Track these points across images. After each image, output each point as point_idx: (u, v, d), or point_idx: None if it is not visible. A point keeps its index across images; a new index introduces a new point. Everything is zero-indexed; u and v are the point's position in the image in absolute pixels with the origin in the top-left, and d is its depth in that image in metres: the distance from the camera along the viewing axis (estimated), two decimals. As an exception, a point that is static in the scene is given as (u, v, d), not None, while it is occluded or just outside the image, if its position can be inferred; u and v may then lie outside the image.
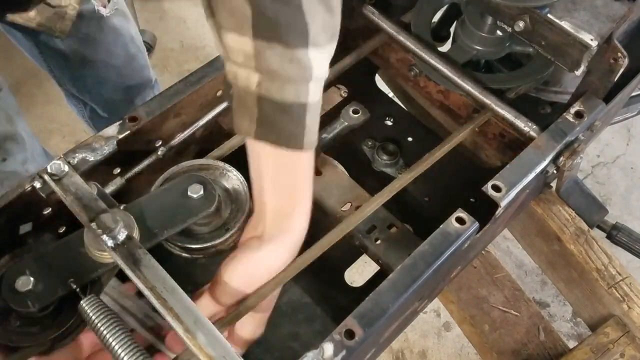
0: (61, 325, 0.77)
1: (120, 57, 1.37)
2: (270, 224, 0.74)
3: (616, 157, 2.24)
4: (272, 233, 0.73)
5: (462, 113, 1.06)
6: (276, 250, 0.73)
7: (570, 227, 1.07)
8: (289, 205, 0.73)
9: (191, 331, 0.69)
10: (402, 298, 0.72)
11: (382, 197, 0.88)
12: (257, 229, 0.75)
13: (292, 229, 0.74)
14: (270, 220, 0.74)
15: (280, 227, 0.73)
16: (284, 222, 0.74)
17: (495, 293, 1.15)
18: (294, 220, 0.74)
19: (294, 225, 0.74)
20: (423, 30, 1.06)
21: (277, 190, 0.73)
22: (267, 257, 0.72)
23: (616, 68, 0.86)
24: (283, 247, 0.73)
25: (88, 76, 1.38)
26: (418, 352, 1.85)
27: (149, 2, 2.66)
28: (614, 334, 1.03)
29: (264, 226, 0.74)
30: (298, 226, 0.74)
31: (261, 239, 0.74)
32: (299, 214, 0.74)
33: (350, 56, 1.04)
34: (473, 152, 1.08)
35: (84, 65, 1.34)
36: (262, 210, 0.74)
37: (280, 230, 0.73)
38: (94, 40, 1.29)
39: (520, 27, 0.89)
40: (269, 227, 0.74)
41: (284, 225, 0.74)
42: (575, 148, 0.89)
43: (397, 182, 0.89)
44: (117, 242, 0.73)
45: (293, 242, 0.74)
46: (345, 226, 0.84)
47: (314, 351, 0.67)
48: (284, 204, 0.73)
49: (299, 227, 0.74)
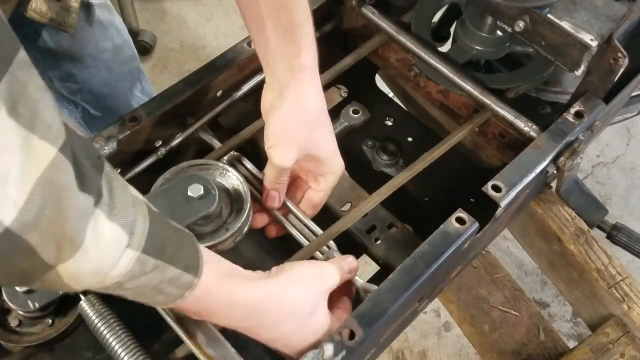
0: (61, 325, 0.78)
1: (107, 50, 1.38)
2: (283, 72, 0.77)
3: (616, 157, 2.24)
4: (287, 81, 0.77)
5: (462, 113, 1.06)
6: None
7: (570, 227, 1.06)
8: (295, 47, 0.77)
9: (191, 331, 0.69)
10: (402, 298, 0.72)
11: (380, 195, 0.88)
12: (274, 87, 0.79)
13: (303, 66, 0.77)
14: (282, 69, 0.77)
15: (292, 69, 0.77)
16: (293, 63, 0.77)
17: (495, 293, 1.15)
18: (302, 58, 0.77)
19: (304, 62, 0.77)
20: (423, 30, 1.06)
21: (279, 32, 0.76)
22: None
23: (616, 68, 0.86)
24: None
25: (77, 73, 1.39)
26: (418, 352, 1.85)
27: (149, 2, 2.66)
28: (614, 334, 1.03)
29: (278, 81, 0.78)
30: (309, 64, 0.78)
31: (281, 95, 0.78)
32: (306, 50, 0.77)
33: (350, 56, 1.04)
34: (473, 152, 1.08)
35: (73, 61, 1.35)
36: (273, 63, 0.78)
37: (292, 73, 0.77)
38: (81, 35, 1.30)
39: (520, 27, 0.89)
40: (282, 77, 0.78)
41: (294, 65, 0.77)
42: (575, 148, 0.89)
43: (395, 181, 0.89)
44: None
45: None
46: (343, 224, 0.84)
47: (314, 351, 0.67)
48: (289, 46, 0.77)
49: (309, 64, 0.78)
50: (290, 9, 0.76)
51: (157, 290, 0.57)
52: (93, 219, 0.49)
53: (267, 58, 0.80)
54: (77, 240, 0.48)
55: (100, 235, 0.50)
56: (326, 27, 1.08)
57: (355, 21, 1.10)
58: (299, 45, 0.77)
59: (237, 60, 0.94)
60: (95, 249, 0.50)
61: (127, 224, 0.52)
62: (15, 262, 0.46)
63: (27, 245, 0.45)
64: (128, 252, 0.52)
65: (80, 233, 0.48)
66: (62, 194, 0.46)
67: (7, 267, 0.46)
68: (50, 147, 0.44)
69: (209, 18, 2.60)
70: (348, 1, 1.07)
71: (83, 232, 0.48)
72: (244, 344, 0.72)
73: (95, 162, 0.50)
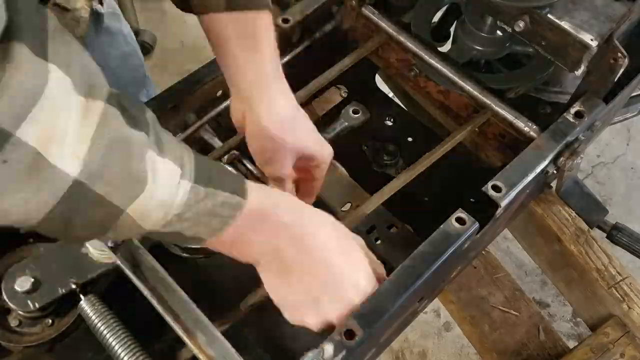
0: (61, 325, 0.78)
1: (116, 58, 1.37)
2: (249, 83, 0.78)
3: (616, 157, 2.24)
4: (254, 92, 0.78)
5: (462, 113, 1.06)
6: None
7: (570, 227, 1.06)
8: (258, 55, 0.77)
9: (191, 331, 0.69)
10: (402, 298, 0.72)
11: (381, 196, 0.88)
12: (241, 100, 0.79)
13: (268, 74, 0.78)
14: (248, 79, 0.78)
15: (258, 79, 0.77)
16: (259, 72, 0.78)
17: (495, 293, 1.15)
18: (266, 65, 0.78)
19: (268, 69, 0.78)
20: (423, 30, 1.06)
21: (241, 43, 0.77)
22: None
23: (616, 68, 0.86)
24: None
25: None
26: (418, 352, 1.85)
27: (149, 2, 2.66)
28: (614, 334, 1.03)
29: (245, 92, 0.78)
30: (273, 70, 0.78)
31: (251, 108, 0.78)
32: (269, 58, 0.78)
33: (350, 56, 1.04)
34: (473, 152, 1.08)
35: None
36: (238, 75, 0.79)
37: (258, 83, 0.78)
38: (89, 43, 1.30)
39: (520, 27, 0.89)
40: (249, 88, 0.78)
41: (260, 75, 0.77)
42: (575, 148, 0.89)
43: (396, 182, 0.89)
44: (117, 242, 0.73)
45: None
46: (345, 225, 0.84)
47: (314, 351, 0.67)
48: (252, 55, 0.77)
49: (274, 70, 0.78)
50: (250, 19, 0.76)
51: (212, 214, 0.60)
52: (148, 157, 0.53)
53: (232, 72, 0.80)
54: (140, 179, 0.52)
55: (157, 171, 0.54)
56: (326, 27, 1.08)
57: (355, 21, 1.10)
58: (263, 55, 0.78)
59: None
60: (156, 184, 0.53)
61: (177, 159, 0.56)
62: (89, 213, 0.51)
63: (96, 194, 0.49)
64: (182, 183, 0.56)
65: (141, 171, 0.52)
66: (119, 139, 0.50)
67: (83, 219, 0.51)
68: (99, 102, 0.48)
69: (209, 18, 2.60)
70: (348, 1, 1.07)
71: (143, 170, 0.52)
72: (244, 344, 0.72)
73: (139, 107, 0.55)
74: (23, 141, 0.44)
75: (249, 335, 0.85)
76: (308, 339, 0.80)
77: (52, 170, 0.46)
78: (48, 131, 0.45)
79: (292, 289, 0.69)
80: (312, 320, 0.69)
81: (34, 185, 0.46)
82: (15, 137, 0.43)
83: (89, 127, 0.48)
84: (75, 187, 0.47)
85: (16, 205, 0.46)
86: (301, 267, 0.68)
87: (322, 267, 0.68)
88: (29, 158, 0.44)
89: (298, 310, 0.70)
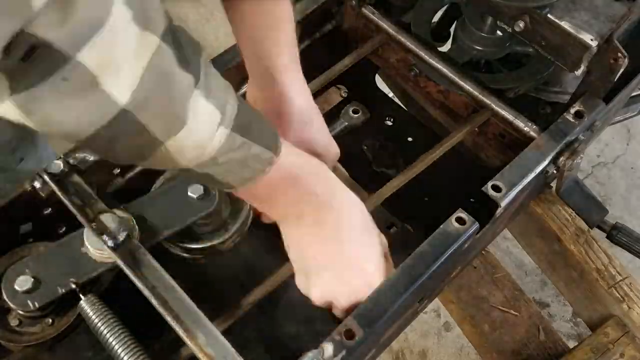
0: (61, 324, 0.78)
1: None
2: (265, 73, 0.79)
3: (616, 157, 2.24)
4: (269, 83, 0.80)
5: (462, 113, 1.06)
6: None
7: (570, 227, 1.06)
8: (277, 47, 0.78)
9: (191, 331, 0.69)
10: (402, 298, 0.72)
11: (380, 196, 0.88)
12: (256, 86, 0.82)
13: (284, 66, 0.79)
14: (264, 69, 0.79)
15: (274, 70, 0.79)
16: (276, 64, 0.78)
17: (495, 293, 1.15)
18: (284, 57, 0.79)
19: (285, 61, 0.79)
20: (423, 30, 1.06)
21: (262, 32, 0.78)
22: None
23: (616, 68, 0.86)
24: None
25: None
26: (418, 352, 1.85)
27: (149, 2, 2.67)
28: (614, 334, 1.03)
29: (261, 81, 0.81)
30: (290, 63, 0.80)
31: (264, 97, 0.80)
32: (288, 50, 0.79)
33: (350, 56, 1.04)
34: (473, 152, 1.08)
35: None
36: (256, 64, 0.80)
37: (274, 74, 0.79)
38: None
39: (520, 27, 0.89)
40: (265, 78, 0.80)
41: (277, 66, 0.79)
42: (575, 148, 0.89)
43: (395, 182, 0.89)
44: (117, 242, 0.73)
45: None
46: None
47: (314, 351, 0.67)
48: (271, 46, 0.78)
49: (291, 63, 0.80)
50: (272, 10, 0.77)
51: (243, 165, 0.62)
52: (193, 98, 0.55)
53: (249, 57, 0.81)
54: (182, 117, 0.55)
55: (199, 113, 0.56)
56: (326, 27, 1.08)
57: (355, 21, 1.10)
58: (280, 46, 0.79)
59: (237, 60, 0.94)
60: (195, 125, 0.56)
61: (220, 105, 0.58)
62: (131, 139, 0.54)
63: (140, 123, 0.52)
64: (221, 129, 0.58)
65: (184, 110, 0.54)
66: (167, 76, 0.52)
67: (125, 143, 0.54)
68: (154, 37, 0.50)
69: (209, 18, 2.60)
70: (348, 1, 1.07)
71: (186, 109, 0.54)
72: (244, 344, 0.72)
73: (195, 48, 0.56)
74: (82, 64, 0.46)
75: (249, 335, 0.85)
76: (308, 339, 0.80)
77: (103, 95, 0.49)
78: (105, 59, 0.47)
79: (306, 255, 0.73)
80: (315, 294, 0.74)
81: (86, 105, 0.49)
82: (75, 60, 0.46)
83: (142, 60, 0.50)
84: (122, 115, 0.50)
85: (69, 120, 0.50)
86: (318, 239, 0.72)
87: (338, 246, 0.72)
88: (86, 80, 0.47)
89: (307, 278, 0.74)
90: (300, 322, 0.88)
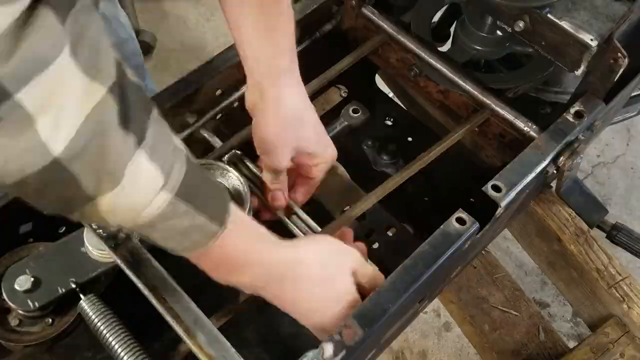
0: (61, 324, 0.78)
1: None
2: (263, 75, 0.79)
3: (616, 157, 2.24)
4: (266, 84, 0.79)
5: (462, 113, 1.06)
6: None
7: (570, 227, 1.06)
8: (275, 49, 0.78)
9: (191, 331, 0.69)
10: (402, 298, 0.72)
11: (377, 194, 0.88)
12: (255, 89, 0.80)
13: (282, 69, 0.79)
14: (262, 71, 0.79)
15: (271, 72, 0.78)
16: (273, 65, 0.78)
17: (495, 293, 1.15)
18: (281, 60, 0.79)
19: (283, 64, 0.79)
20: (423, 30, 1.06)
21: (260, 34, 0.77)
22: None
23: (616, 68, 0.86)
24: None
25: None
26: (418, 352, 1.85)
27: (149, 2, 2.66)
28: (614, 334, 1.03)
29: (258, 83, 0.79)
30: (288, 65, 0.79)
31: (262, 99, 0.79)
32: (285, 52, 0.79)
33: (350, 56, 1.04)
34: (473, 152, 1.08)
35: None
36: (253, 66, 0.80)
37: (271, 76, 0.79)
38: None
39: (520, 27, 0.89)
40: (262, 80, 0.79)
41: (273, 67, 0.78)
42: (575, 148, 0.89)
43: (392, 180, 0.89)
44: (117, 242, 0.73)
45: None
46: (340, 223, 0.84)
47: (314, 351, 0.67)
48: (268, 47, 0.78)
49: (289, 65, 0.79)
50: (271, 11, 0.77)
51: (184, 235, 0.60)
52: (134, 158, 0.52)
53: (247, 60, 0.81)
54: (116, 176, 0.52)
55: (138, 174, 0.53)
56: (326, 27, 1.08)
57: (355, 21, 1.10)
58: (278, 48, 0.78)
59: (237, 59, 0.94)
60: (133, 187, 0.53)
61: (165, 168, 0.55)
62: (59, 190, 0.51)
63: (71, 175, 0.49)
64: (162, 194, 0.55)
65: (119, 169, 0.52)
66: (105, 131, 0.49)
67: (52, 194, 0.51)
68: (101, 87, 0.48)
69: (209, 18, 2.60)
70: (348, 1, 1.07)
71: (122, 168, 0.52)
72: (244, 343, 0.72)
73: (144, 106, 0.54)
74: (20, 104, 0.44)
75: (249, 334, 0.85)
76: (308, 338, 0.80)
77: (37, 141, 0.46)
78: (45, 100, 0.45)
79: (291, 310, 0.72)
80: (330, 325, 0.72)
81: (18, 149, 0.46)
82: (14, 98, 0.44)
83: (84, 109, 0.47)
84: (54, 164, 0.48)
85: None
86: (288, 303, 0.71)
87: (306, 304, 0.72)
88: (21, 121, 0.45)
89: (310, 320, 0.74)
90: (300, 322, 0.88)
